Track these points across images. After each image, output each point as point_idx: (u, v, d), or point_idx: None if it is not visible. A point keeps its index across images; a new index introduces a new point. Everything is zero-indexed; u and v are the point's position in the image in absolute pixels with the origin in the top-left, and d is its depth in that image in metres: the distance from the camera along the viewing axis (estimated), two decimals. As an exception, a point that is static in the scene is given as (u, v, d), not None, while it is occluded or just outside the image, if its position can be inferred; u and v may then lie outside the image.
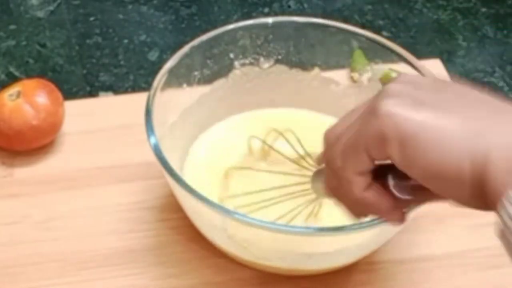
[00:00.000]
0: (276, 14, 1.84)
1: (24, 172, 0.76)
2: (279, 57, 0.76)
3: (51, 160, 0.77)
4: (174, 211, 0.71)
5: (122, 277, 0.69)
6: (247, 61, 0.76)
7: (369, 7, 1.89)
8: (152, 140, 0.64)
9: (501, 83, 1.75)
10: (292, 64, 0.76)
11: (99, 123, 0.81)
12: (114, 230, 0.72)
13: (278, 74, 0.77)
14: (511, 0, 1.94)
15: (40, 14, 1.81)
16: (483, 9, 1.92)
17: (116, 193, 0.75)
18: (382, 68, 0.74)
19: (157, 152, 0.63)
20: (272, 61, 0.76)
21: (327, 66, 0.76)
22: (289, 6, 1.87)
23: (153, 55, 1.72)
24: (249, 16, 1.82)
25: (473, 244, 0.72)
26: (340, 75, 0.77)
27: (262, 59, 0.76)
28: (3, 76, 1.65)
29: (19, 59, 1.70)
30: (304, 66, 0.77)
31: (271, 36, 0.75)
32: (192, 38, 0.74)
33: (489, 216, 0.75)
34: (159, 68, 0.70)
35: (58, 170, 0.77)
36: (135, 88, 1.64)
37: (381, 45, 0.73)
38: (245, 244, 0.65)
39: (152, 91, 0.68)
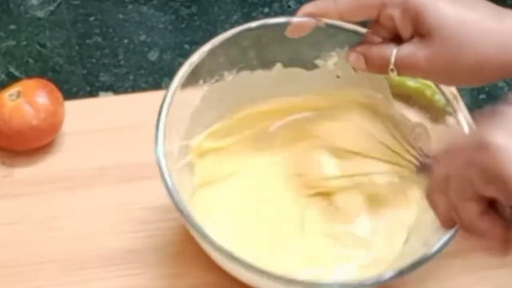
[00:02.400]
0: (276, 14, 1.84)
1: (24, 172, 0.76)
2: (241, 65, 0.73)
3: (51, 160, 0.77)
4: (174, 211, 0.71)
5: (122, 277, 0.69)
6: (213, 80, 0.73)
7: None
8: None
9: (500, 83, 1.75)
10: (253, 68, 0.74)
11: (99, 123, 0.81)
12: (114, 230, 0.72)
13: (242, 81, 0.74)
14: (511, 0, 1.94)
15: (40, 14, 1.80)
16: (483, 9, 1.92)
17: (116, 193, 0.75)
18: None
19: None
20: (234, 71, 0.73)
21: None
22: (289, 6, 1.87)
23: (153, 55, 1.72)
24: (249, 16, 1.82)
25: (473, 244, 0.72)
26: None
27: (226, 73, 0.73)
28: (3, 76, 1.65)
29: (19, 59, 1.70)
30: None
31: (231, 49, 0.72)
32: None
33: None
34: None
35: (58, 170, 0.77)
36: (135, 88, 1.64)
37: (343, 29, 0.70)
38: None
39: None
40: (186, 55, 0.73)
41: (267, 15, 1.83)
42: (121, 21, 1.80)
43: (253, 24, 0.71)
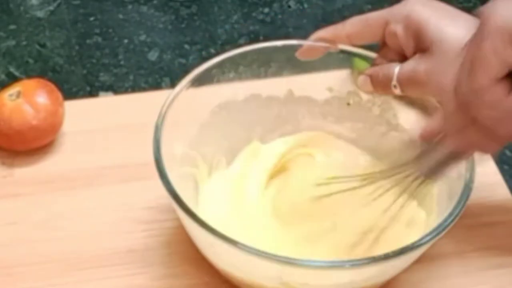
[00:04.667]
0: (276, 14, 1.84)
1: (24, 172, 0.76)
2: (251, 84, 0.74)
3: (51, 160, 0.77)
4: (174, 211, 0.71)
5: (122, 277, 0.69)
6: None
7: (369, 7, 1.89)
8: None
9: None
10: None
11: (99, 123, 0.81)
12: (114, 230, 0.72)
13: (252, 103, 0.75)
14: (511, 0, 1.94)
15: (40, 14, 1.80)
16: (483, 9, 1.92)
17: (116, 193, 0.75)
18: None
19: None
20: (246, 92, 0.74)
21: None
22: (289, 6, 1.87)
23: (153, 55, 1.72)
24: (249, 16, 1.83)
25: (473, 244, 0.72)
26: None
27: (236, 90, 0.73)
28: (3, 76, 1.65)
29: (19, 59, 1.70)
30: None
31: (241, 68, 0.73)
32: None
33: (489, 216, 0.76)
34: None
35: (58, 170, 0.77)
36: (135, 88, 1.64)
37: (354, 54, 0.72)
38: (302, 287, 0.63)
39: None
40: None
41: (267, 15, 1.84)
42: (121, 21, 1.80)
43: (277, 43, 0.73)
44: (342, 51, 0.71)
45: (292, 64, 0.73)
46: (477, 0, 1.94)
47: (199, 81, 0.70)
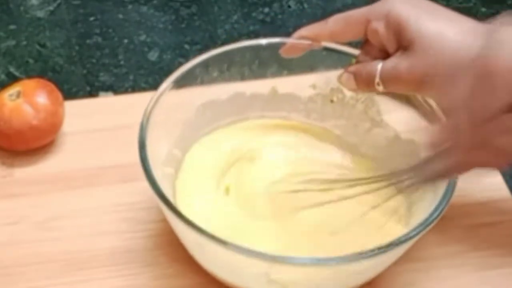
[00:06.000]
0: (276, 14, 1.84)
1: (24, 172, 0.76)
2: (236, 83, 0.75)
3: (51, 160, 0.77)
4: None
5: (122, 277, 0.69)
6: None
7: (369, 7, 1.89)
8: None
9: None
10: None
11: (99, 123, 0.81)
12: (114, 230, 0.72)
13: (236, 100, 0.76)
14: (511, 0, 1.94)
15: (40, 14, 1.80)
16: (483, 9, 1.92)
17: (116, 193, 0.75)
18: None
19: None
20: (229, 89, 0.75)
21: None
22: (289, 6, 1.87)
23: (153, 55, 1.72)
24: (249, 16, 1.83)
25: (473, 244, 0.72)
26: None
27: (220, 90, 0.74)
28: (3, 76, 1.65)
29: (19, 59, 1.70)
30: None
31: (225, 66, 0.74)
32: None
33: (489, 216, 0.76)
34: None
35: (58, 170, 0.77)
36: (135, 88, 1.64)
37: (336, 51, 0.73)
38: (290, 286, 0.63)
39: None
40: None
41: (267, 15, 1.84)
42: (121, 21, 1.80)
43: (248, 42, 0.74)
44: (325, 49, 0.72)
45: (277, 62, 0.74)
46: (477, 0, 1.94)
47: (183, 81, 0.71)
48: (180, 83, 0.71)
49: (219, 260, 0.64)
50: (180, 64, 0.72)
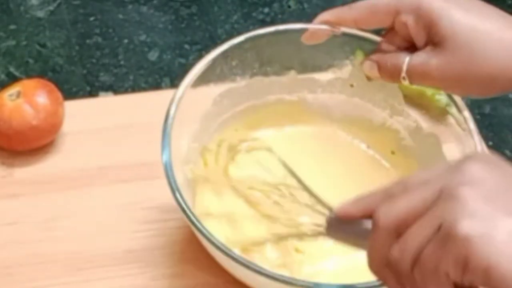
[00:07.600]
0: (276, 14, 1.84)
1: (24, 172, 0.76)
2: (254, 70, 0.74)
3: (51, 160, 0.77)
4: (174, 211, 0.71)
5: (122, 277, 0.69)
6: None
7: (369, 7, 1.89)
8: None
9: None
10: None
11: (99, 123, 0.81)
12: (114, 230, 0.72)
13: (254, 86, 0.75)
14: (511, 0, 1.94)
15: (40, 14, 1.80)
16: (483, 9, 1.92)
17: (116, 193, 0.75)
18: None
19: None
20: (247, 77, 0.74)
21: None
22: (289, 6, 1.87)
23: (153, 55, 1.72)
24: (249, 16, 1.83)
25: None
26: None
27: (238, 78, 0.73)
28: (3, 76, 1.65)
29: (19, 59, 1.70)
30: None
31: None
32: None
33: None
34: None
35: (58, 170, 0.77)
36: (135, 88, 1.64)
37: (358, 37, 0.71)
38: None
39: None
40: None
41: (267, 15, 1.84)
42: (121, 21, 1.80)
43: (269, 29, 0.72)
44: (345, 34, 0.69)
45: (295, 47, 0.71)
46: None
47: (203, 76, 0.70)
48: (200, 80, 0.70)
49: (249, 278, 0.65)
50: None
